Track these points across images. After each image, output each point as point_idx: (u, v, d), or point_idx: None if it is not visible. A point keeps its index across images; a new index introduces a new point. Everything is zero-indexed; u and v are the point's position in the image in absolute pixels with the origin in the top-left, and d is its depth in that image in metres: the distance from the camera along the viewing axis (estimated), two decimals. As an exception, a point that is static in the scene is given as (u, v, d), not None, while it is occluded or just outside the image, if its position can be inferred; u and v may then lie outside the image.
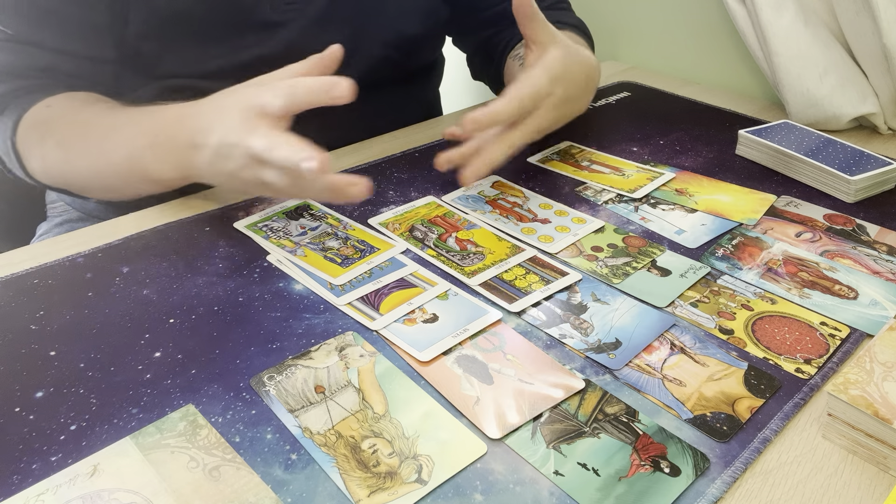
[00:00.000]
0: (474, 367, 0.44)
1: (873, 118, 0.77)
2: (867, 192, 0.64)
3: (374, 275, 0.53)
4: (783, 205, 0.63)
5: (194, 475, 0.36)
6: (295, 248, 0.56)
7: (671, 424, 0.40)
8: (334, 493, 0.36)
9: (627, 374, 0.44)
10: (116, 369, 0.44)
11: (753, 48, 0.82)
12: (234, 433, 0.39)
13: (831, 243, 0.57)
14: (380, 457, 0.38)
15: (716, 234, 0.59)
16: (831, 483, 0.37)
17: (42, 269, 0.53)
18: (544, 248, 0.56)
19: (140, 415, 0.40)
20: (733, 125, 0.78)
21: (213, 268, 0.54)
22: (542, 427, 0.40)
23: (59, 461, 0.37)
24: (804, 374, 0.44)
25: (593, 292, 0.51)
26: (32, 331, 0.47)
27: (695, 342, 0.46)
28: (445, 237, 0.58)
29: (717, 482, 0.37)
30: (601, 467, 0.37)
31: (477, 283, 0.52)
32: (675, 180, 0.67)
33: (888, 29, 0.70)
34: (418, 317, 0.48)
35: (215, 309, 0.49)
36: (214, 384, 0.42)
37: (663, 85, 0.94)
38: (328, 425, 0.39)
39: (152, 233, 0.58)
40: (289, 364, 0.44)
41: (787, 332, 0.47)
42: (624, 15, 1.04)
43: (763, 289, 0.52)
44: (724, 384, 0.43)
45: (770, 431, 0.40)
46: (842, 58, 0.76)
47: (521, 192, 0.65)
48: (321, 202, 0.62)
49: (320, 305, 0.50)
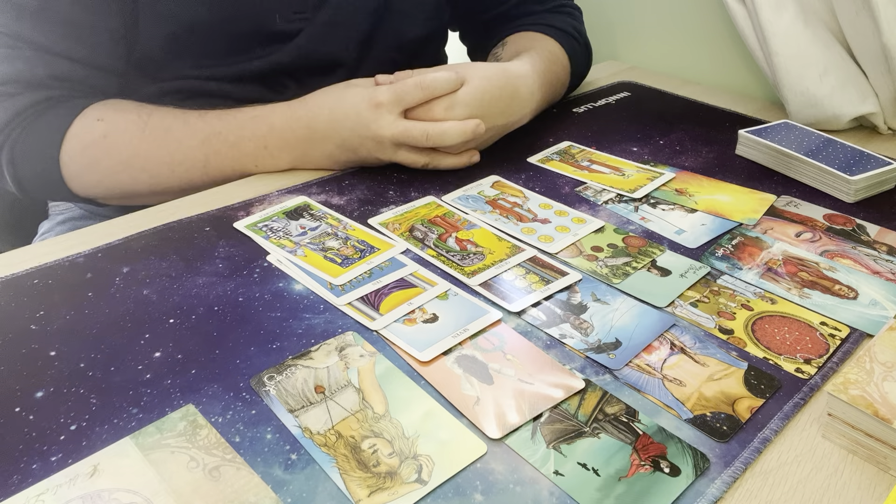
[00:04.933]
0: (474, 367, 0.44)
1: (873, 118, 0.77)
2: (867, 192, 0.64)
3: (374, 275, 0.53)
4: (783, 205, 0.63)
5: (194, 475, 0.36)
6: (295, 248, 0.56)
7: (671, 424, 0.40)
8: (334, 493, 0.36)
9: (627, 374, 0.44)
10: (116, 369, 0.44)
11: (753, 48, 0.82)
12: (234, 433, 0.39)
13: (831, 243, 0.57)
14: (380, 457, 0.38)
15: (716, 234, 0.59)
16: (831, 483, 0.37)
17: (42, 269, 0.53)
18: (544, 248, 0.56)
19: (140, 415, 0.40)
20: (733, 125, 0.78)
21: (213, 268, 0.54)
22: (542, 427, 0.40)
23: (59, 461, 0.37)
24: (804, 374, 0.44)
25: (593, 292, 0.51)
26: (32, 331, 0.47)
27: (695, 342, 0.46)
28: (445, 237, 0.58)
29: (716, 482, 0.37)
30: (601, 467, 0.37)
31: (477, 283, 0.52)
32: (675, 180, 0.67)
33: (888, 29, 0.70)
34: (418, 317, 0.48)
35: (215, 309, 0.49)
36: (214, 384, 0.42)
37: (663, 85, 0.94)
38: (328, 425, 0.39)
39: (152, 233, 0.58)
40: (289, 364, 0.44)
41: (787, 332, 0.47)
42: (624, 15, 1.04)
43: (763, 289, 0.52)
44: (724, 384, 0.43)
45: (770, 431, 0.40)
46: (842, 58, 0.76)
47: (521, 192, 0.65)
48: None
49: (320, 305, 0.50)
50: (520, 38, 0.81)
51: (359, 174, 0.68)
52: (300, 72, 0.72)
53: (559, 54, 0.80)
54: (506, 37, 0.83)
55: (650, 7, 1.00)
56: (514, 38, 0.82)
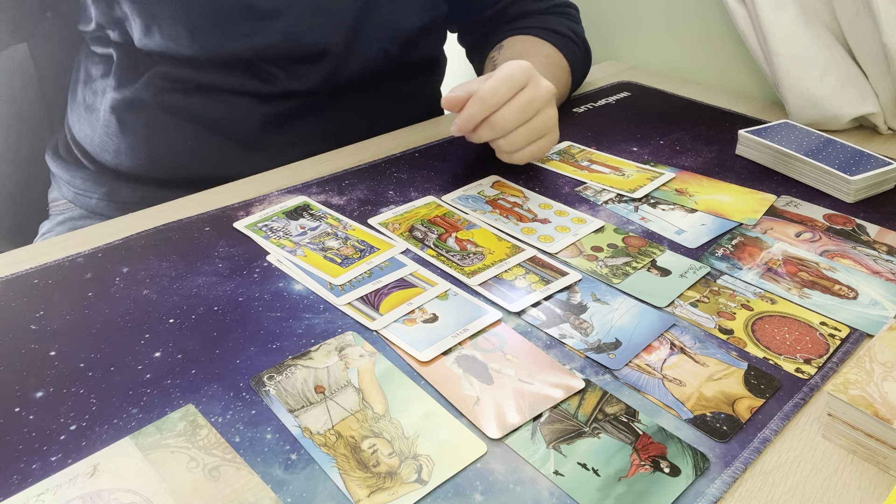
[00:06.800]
0: (474, 367, 0.44)
1: (873, 118, 0.77)
2: (867, 192, 0.64)
3: (374, 275, 0.53)
4: (783, 205, 0.63)
5: (194, 475, 0.36)
6: (295, 248, 0.56)
7: (671, 424, 0.40)
8: (334, 493, 0.36)
9: (627, 374, 0.44)
10: (116, 369, 0.44)
11: (753, 48, 0.82)
12: (234, 433, 0.39)
13: (831, 243, 0.57)
14: (380, 457, 0.38)
15: (716, 234, 0.59)
16: (831, 483, 0.37)
17: (42, 269, 0.53)
18: (544, 248, 0.56)
19: (140, 415, 0.40)
20: (733, 125, 0.78)
21: (213, 268, 0.54)
22: (542, 427, 0.40)
23: (59, 461, 0.37)
24: (804, 374, 0.44)
25: (593, 292, 0.51)
26: (32, 331, 0.47)
27: (695, 342, 0.46)
28: (445, 237, 0.58)
29: (716, 482, 0.37)
30: (601, 467, 0.37)
31: (477, 283, 0.52)
32: (675, 180, 0.67)
33: (888, 29, 0.70)
34: (418, 317, 0.48)
35: (215, 309, 0.49)
36: (214, 384, 0.42)
37: (663, 85, 0.94)
38: (328, 425, 0.39)
39: (152, 233, 0.58)
40: (289, 364, 0.44)
41: (786, 332, 0.47)
42: (624, 15, 1.04)
43: (763, 289, 0.52)
44: (724, 384, 0.43)
45: (770, 431, 0.40)
46: (842, 58, 0.76)
47: (520, 192, 0.65)
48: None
49: (320, 305, 0.50)
50: (517, 42, 0.81)
51: (359, 174, 0.68)
52: (286, 59, 0.71)
53: (557, 59, 0.79)
54: (503, 40, 0.83)
55: (650, 7, 1.00)
56: (511, 43, 0.81)
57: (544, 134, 0.64)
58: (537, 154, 0.65)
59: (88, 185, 0.77)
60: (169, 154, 0.73)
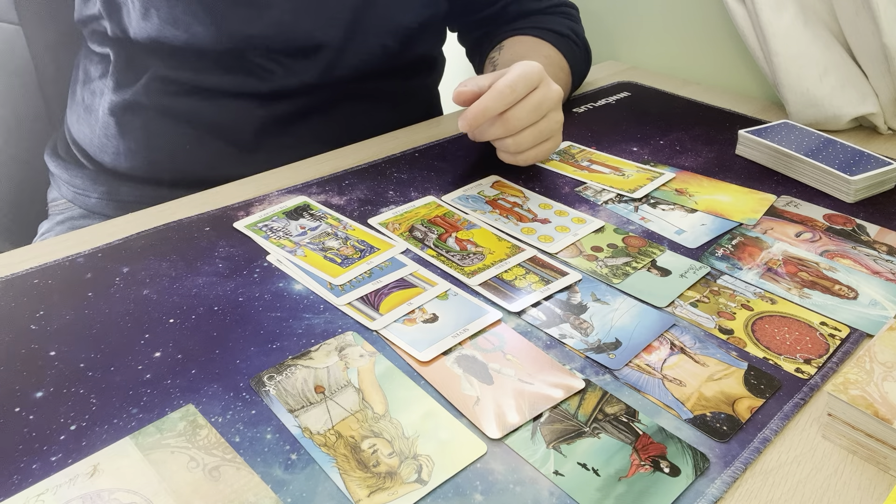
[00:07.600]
0: (474, 367, 0.44)
1: (873, 118, 0.77)
2: (867, 192, 0.64)
3: (374, 275, 0.53)
4: (783, 205, 0.63)
5: (194, 475, 0.36)
6: (295, 248, 0.56)
7: (671, 424, 0.40)
8: (334, 493, 0.36)
9: (627, 374, 0.44)
10: (116, 369, 0.44)
11: (753, 48, 0.82)
12: (234, 433, 0.39)
13: (831, 243, 0.57)
14: (380, 457, 0.38)
15: (716, 234, 0.59)
16: (831, 483, 0.37)
17: (42, 269, 0.53)
18: (544, 248, 0.56)
19: (140, 415, 0.40)
20: (733, 125, 0.78)
21: (213, 268, 0.54)
22: (542, 427, 0.40)
23: (59, 461, 0.37)
24: (804, 374, 0.44)
25: (593, 292, 0.51)
26: (32, 331, 0.47)
27: (695, 342, 0.46)
28: (445, 237, 0.58)
29: (716, 482, 0.37)
30: (601, 467, 0.37)
31: (477, 283, 0.52)
32: (675, 180, 0.67)
33: (888, 29, 0.70)
34: (418, 317, 0.48)
35: (215, 309, 0.49)
36: (214, 384, 0.42)
37: (663, 85, 0.94)
38: (328, 425, 0.39)
39: (152, 233, 0.58)
40: (289, 364, 0.44)
41: (786, 332, 0.47)
42: (624, 15, 1.04)
43: (763, 289, 0.52)
44: (724, 384, 0.43)
45: (770, 431, 0.40)
46: (842, 58, 0.76)
47: (520, 192, 0.65)
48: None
49: (320, 305, 0.49)
50: (517, 42, 0.81)
51: (359, 174, 0.68)
52: (280, 52, 0.71)
53: (557, 59, 0.79)
54: (503, 40, 0.83)
55: (650, 7, 1.00)
56: (512, 43, 0.81)
57: (550, 137, 0.64)
58: (541, 157, 0.65)
59: (88, 184, 0.77)
60: (168, 157, 0.73)
